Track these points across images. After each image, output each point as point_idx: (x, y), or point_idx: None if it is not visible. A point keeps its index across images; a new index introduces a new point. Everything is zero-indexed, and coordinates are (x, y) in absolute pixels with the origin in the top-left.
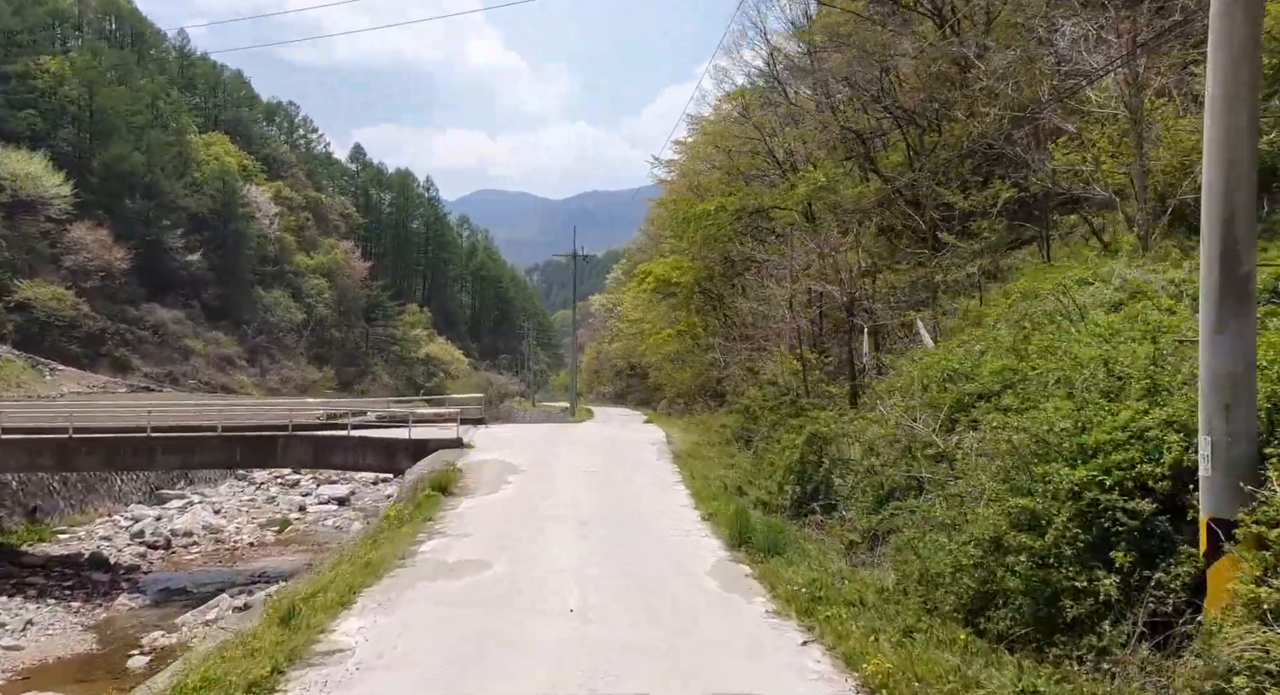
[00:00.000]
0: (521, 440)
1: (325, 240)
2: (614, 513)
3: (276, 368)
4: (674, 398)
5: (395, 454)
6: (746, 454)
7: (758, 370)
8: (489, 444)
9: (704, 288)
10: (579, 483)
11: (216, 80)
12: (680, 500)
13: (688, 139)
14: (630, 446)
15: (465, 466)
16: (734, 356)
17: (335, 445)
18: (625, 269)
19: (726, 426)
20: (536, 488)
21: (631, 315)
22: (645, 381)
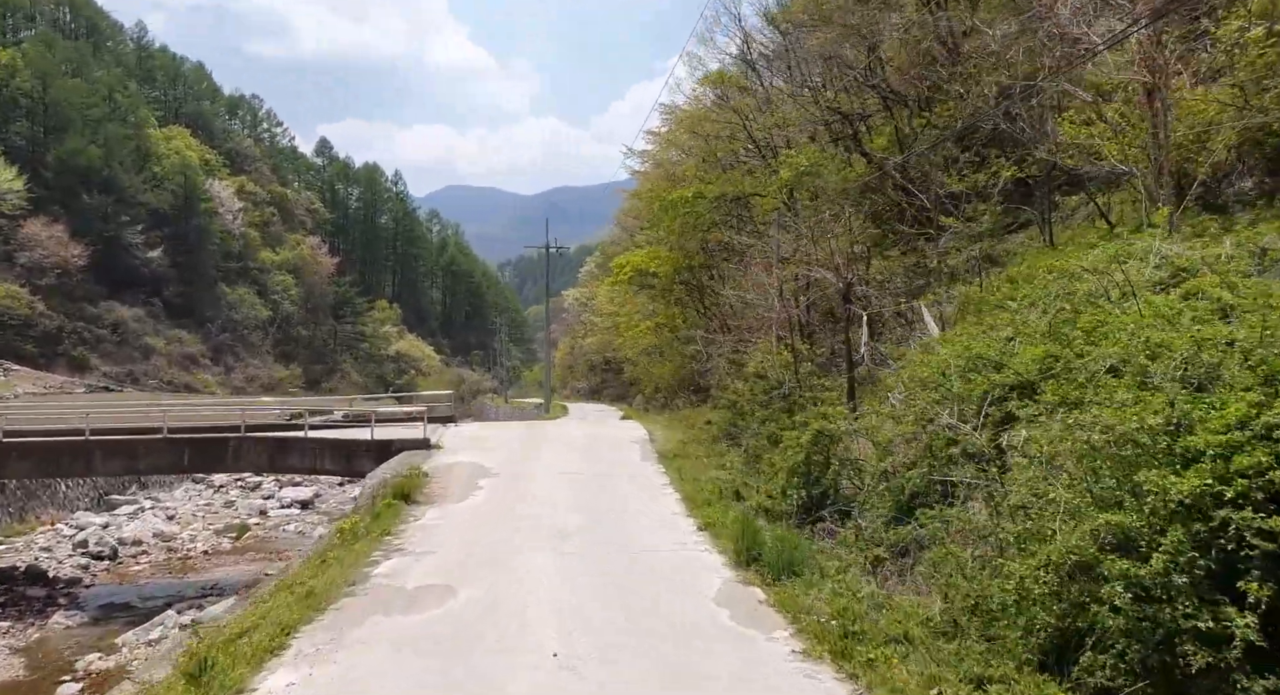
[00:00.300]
0: (494, 440)
1: (291, 236)
2: (599, 524)
3: (241, 366)
4: (652, 393)
5: (356, 456)
6: (737, 453)
7: (744, 362)
8: (459, 444)
9: (683, 278)
10: (558, 488)
11: (176, 73)
12: (671, 507)
13: (661, 129)
14: (611, 445)
15: (432, 470)
16: (717, 348)
17: (292, 448)
18: (599, 262)
19: (713, 423)
20: (510, 494)
21: (606, 309)
22: (621, 376)
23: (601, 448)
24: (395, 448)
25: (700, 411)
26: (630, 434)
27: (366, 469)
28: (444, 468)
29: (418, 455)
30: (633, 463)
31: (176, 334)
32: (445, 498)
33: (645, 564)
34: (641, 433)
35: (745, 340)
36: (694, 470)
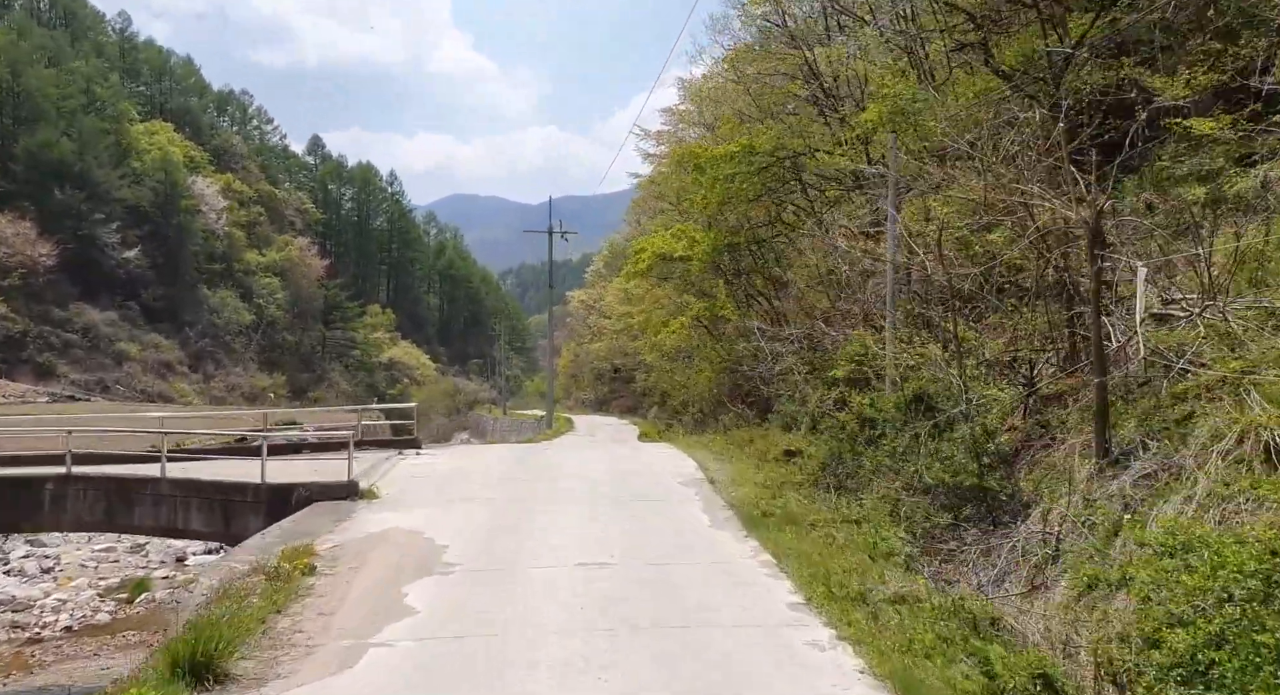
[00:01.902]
0: (465, 480)
1: (279, 237)
2: None
3: (222, 374)
4: (679, 406)
5: (237, 511)
6: (872, 508)
7: (830, 363)
8: (408, 491)
9: (724, 262)
10: (578, 620)
11: (163, 67)
12: None
13: (678, 106)
14: (652, 492)
15: (333, 554)
16: (787, 345)
17: (140, 495)
18: (607, 260)
19: (801, 454)
20: (469, 649)
21: (618, 309)
22: (632, 386)
23: (638, 496)
24: (299, 496)
25: (764, 433)
26: (672, 467)
27: (251, 529)
28: (357, 548)
29: (328, 515)
30: (703, 536)
31: (153, 339)
32: (304, 661)
33: None
34: (688, 466)
35: (821, 334)
36: (831, 559)
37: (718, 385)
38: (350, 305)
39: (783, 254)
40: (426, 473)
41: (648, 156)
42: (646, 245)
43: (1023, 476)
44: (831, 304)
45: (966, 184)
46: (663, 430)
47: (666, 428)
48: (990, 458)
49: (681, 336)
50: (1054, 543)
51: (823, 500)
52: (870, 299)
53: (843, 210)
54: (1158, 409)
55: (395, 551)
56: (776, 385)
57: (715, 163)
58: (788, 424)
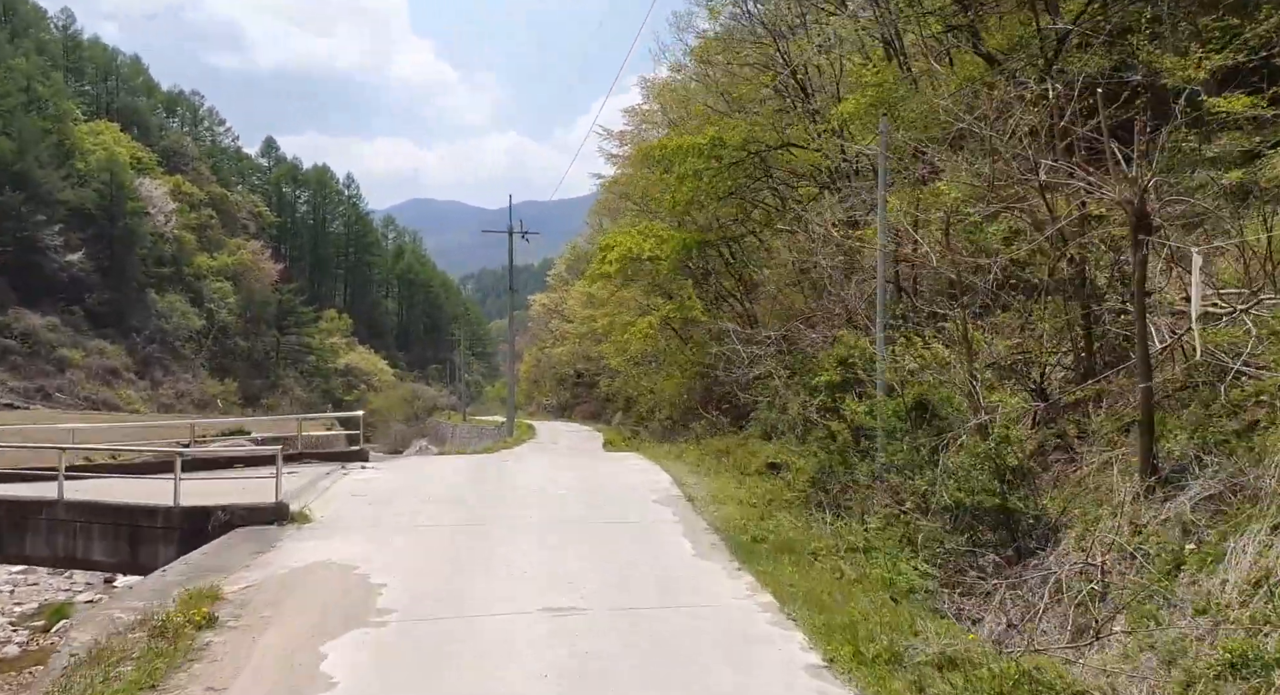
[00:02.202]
0: (413, 499)
1: (231, 241)
2: None
3: (171, 380)
4: (646, 412)
5: (143, 538)
6: (872, 530)
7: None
8: (344, 513)
9: (694, 262)
10: None
11: (109, 66)
12: None
13: (641, 106)
14: (624, 513)
15: (244, 597)
16: (767, 348)
17: (32, 519)
18: (569, 263)
19: (797, 469)
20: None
21: (581, 313)
22: (595, 391)
23: (610, 518)
24: (217, 521)
25: (741, 442)
26: (645, 481)
27: (161, 559)
28: (274, 590)
29: (248, 544)
30: (688, 570)
31: (98, 345)
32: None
33: None
34: (662, 480)
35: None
36: (847, 602)
37: (688, 391)
38: (305, 310)
39: (753, 253)
40: (370, 490)
41: (610, 157)
42: (614, 242)
43: (1046, 495)
44: (808, 304)
45: (966, 169)
46: (629, 438)
47: (632, 435)
48: (1013, 475)
49: (649, 340)
50: (1099, 577)
51: (818, 522)
52: (855, 297)
53: (815, 209)
54: (1211, 418)
55: (320, 593)
56: (753, 391)
57: (683, 157)
58: (767, 432)
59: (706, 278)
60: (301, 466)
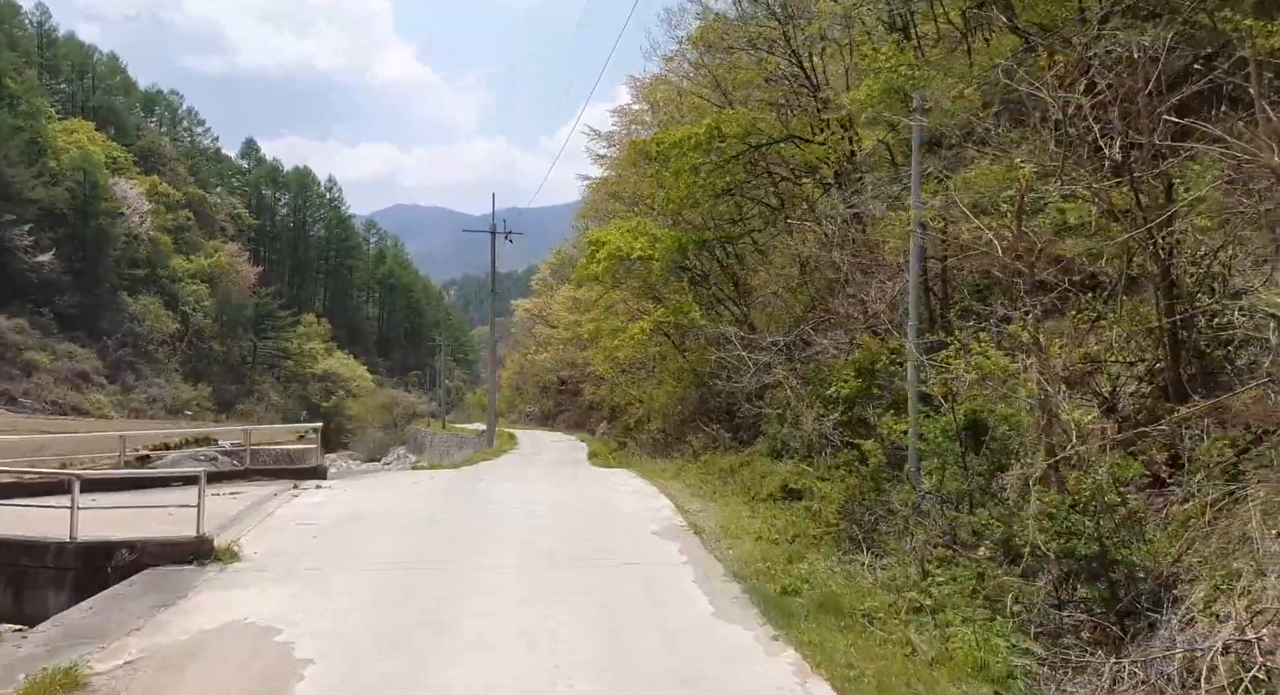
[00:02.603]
0: (367, 530)
1: (209, 243)
2: None
3: (143, 385)
4: (635, 423)
5: (29, 582)
6: (1003, 625)
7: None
8: (281, 548)
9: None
10: None
11: (85, 64)
12: None
13: (630, 106)
14: (622, 551)
15: (116, 687)
16: (776, 355)
17: None
18: (554, 267)
19: (823, 497)
20: None
21: (566, 318)
22: (578, 399)
23: (604, 558)
24: (121, 560)
25: (747, 459)
26: (642, 507)
27: (51, 608)
28: (158, 671)
29: (151, 594)
30: (709, 640)
31: (67, 348)
32: None
33: None
34: (662, 506)
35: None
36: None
37: (682, 401)
38: (283, 314)
39: (752, 255)
40: (321, 517)
41: (598, 158)
42: (603, 238)
43: (1148, 540)
44: (815, 307)
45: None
46: (615, 450)
47: (619, 447)
48: (1118, 518)
49: (639, 346)
50: (1255, 656)
51: (857, 565)
52: (876, 299)
53: (828, 203)
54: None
55: (221, 678)
56: (760, 403)
57: (680, 150)
58: (777, 450)
59: (704, 280)
60: (249, 485)
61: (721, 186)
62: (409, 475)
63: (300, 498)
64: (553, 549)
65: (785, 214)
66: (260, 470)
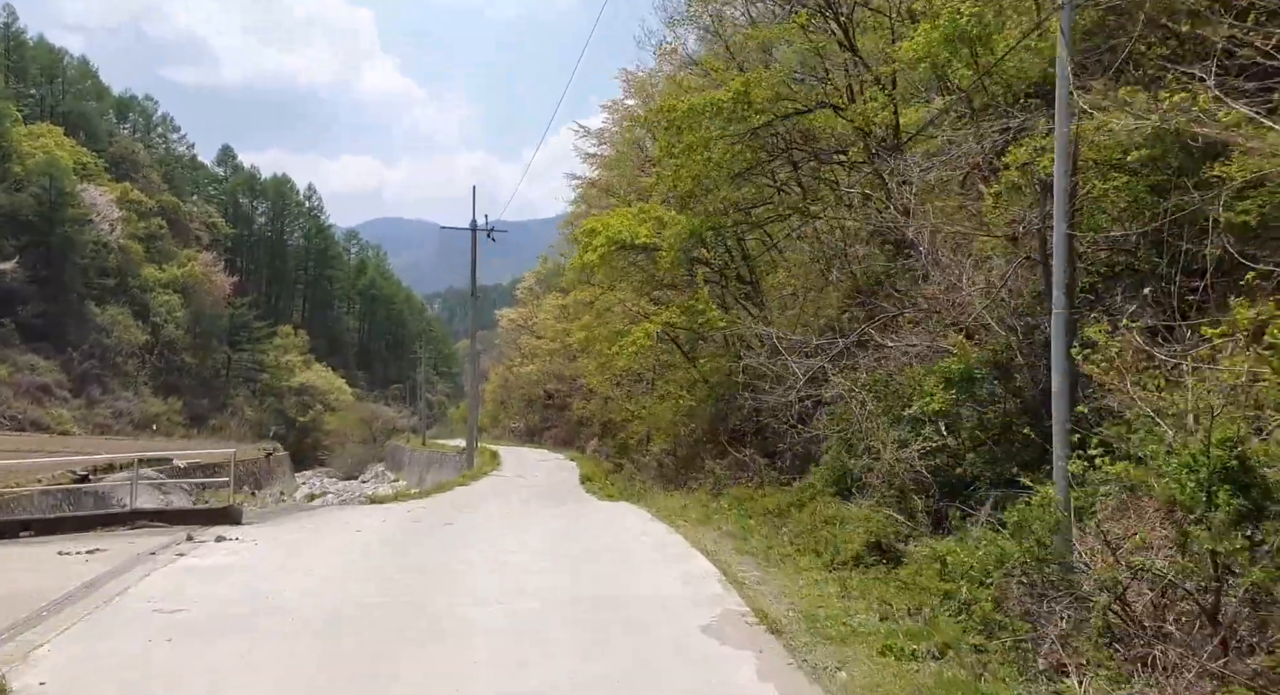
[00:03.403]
0: (267, 622)
1: (183, 252)
2: None
3: (109, 399)
4: (634, 443)
5: None
6: None
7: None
8: (100, 672)
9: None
10: None
11: (55, 68)
12: None
13: (622, 101)
14: (673, 674)
15: None
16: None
17: None
18: (540, 276)
19: (968, 573)
20: None
21: (553, 327)
22: (565, 414)
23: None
24: None
25: (801, 496)
26: (674, 577)
27: None
28: None
29: None
30: None
31: (29, 361)
32: None
33: None
34: (703, 572)
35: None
36: None
37: (693, 418)
38: (259, 325)
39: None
40: (201, 598)
41: (588, 157)
42: (600, 226)
43: None
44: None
45: None
46: (611, 472)
47: (615, 469)
48: None
49: (642, 352)
50: None
51: None
52: (970, 288)
53: (899, 168)
54: None
55: None
56: (814, 423)
57: (695, 118)
58: (844, 485)
59: (720, 276)
60: (130, 535)
61: (742, 164)
62: (360, 513)
63: (186, 559)
64: (549, 675)
65: (810, 199)
66: (150, 512)
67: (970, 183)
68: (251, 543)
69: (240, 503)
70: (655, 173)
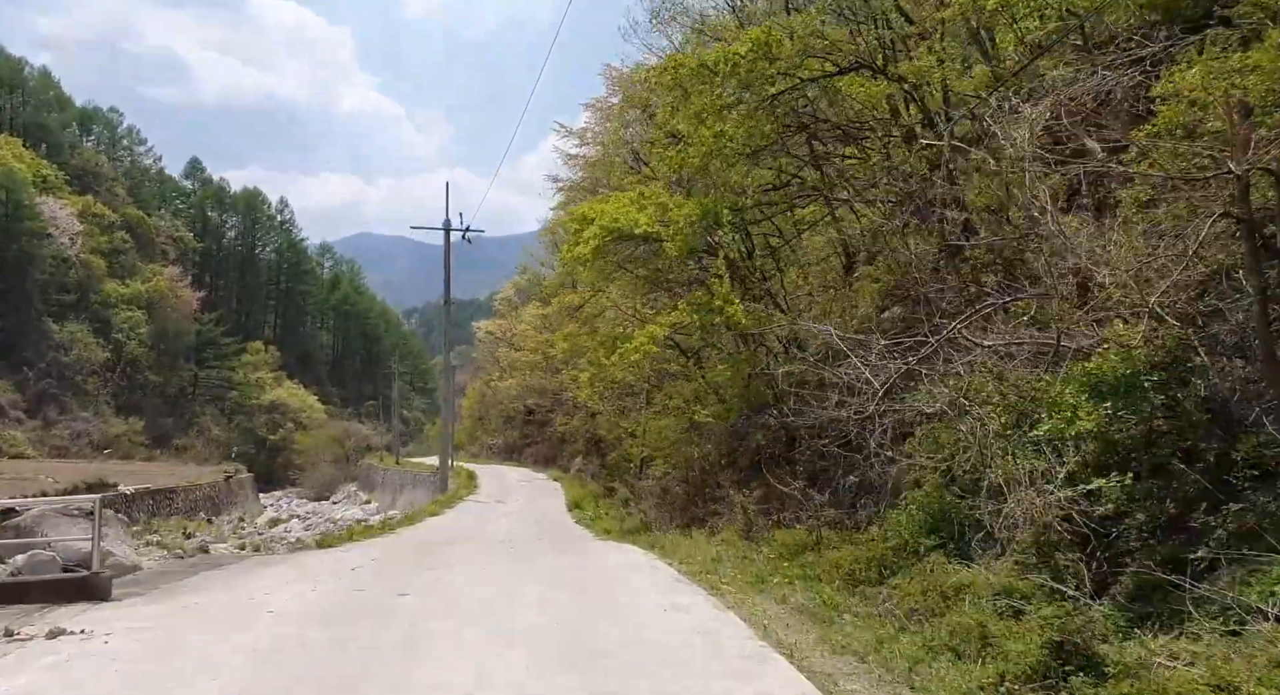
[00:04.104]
0: None
1: (148, 267)
2: None
3: (67, 420)
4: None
5: None
6: None
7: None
8: None
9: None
10: None
11: (15, 78)
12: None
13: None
14: None
15: None
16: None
17: None
18: (521, 285)
19: None
20: None
21: (534, 338)
22: (547, 430)
23: None
24: None
25: (902, 559)
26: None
27: None
28: None
29: None
30: None
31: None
32: None
33: None
34: (781, 676)
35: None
36: None
37: (708, 436)
38: (228, 342)
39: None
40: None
41: (569, 159)
42: (593, 213)
43: None
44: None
45: None
46: (601, 496)
47: (606, 493)
48: None
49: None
50: None
51: None
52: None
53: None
54: None
55: None
56: (890, 445)
57: (705, 78)
58: (945, 532)
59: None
60: None
61: (760, 141)
62: (290, 571)
63: (36, 645)
64: None
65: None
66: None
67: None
68: (101, 641)
69: (106, 575)
70: (656, 155)
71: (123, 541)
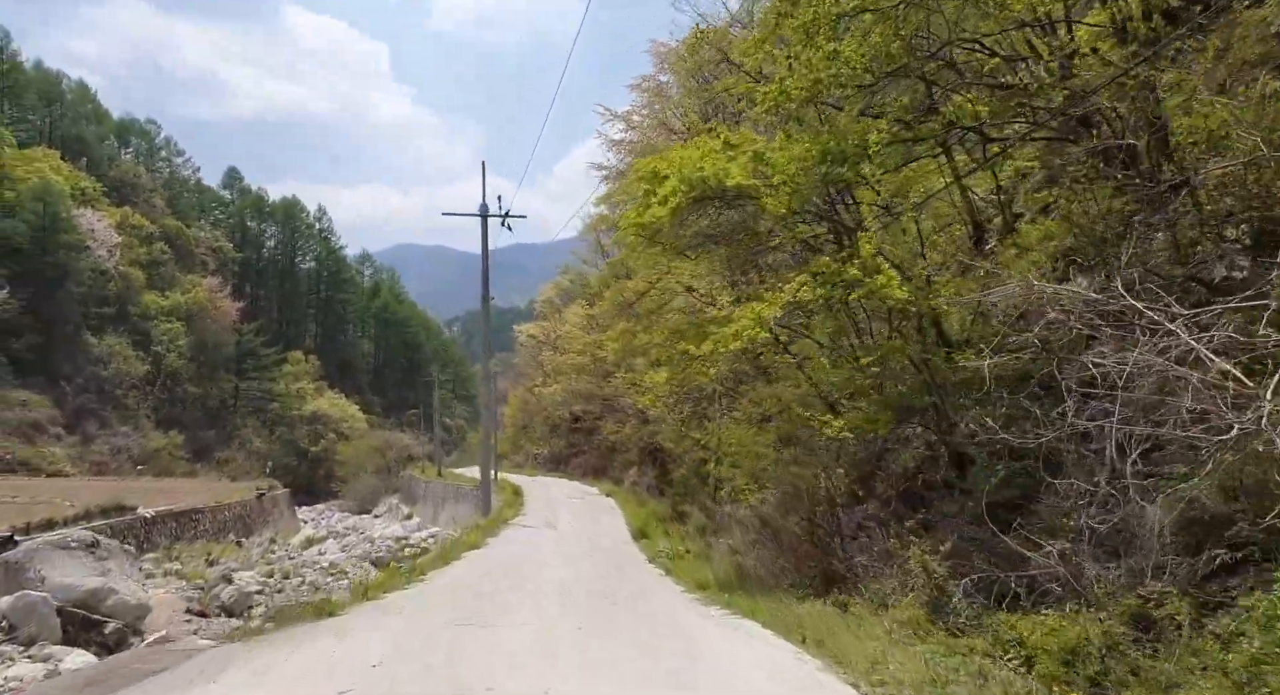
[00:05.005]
0: None
1: (187, 278)
2: None
3: (106, 435)
4: (716, 485)
5: None
6: None
7: None
8: None
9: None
10: None
11: (54, 92)
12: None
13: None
14: None
15: None
16: None
17: None
18: (563, 286)
19: None
20: None
21: (580, 340)
22: (594, 439)
23: None
24: None
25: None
26: None
27: None
28: None
29: None
30: None
31: (19, 396)
32: None
33: None
34: None
35: None
36: None
37: (845, 456)
38: (268, 352)
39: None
40: None
41: (613, 144)
42: (667, 167)
43: None
44: None
45: None
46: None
47: (675, 517)
48: None
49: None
50: None
51: None
52: None
53: None
54: None
55: None
56: None
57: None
58: None
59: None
60: None
61: (891, 58)
62: (268, 669)
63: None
64: None
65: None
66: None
67: None
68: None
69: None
70: (747, 90)
71: (128, 577)
